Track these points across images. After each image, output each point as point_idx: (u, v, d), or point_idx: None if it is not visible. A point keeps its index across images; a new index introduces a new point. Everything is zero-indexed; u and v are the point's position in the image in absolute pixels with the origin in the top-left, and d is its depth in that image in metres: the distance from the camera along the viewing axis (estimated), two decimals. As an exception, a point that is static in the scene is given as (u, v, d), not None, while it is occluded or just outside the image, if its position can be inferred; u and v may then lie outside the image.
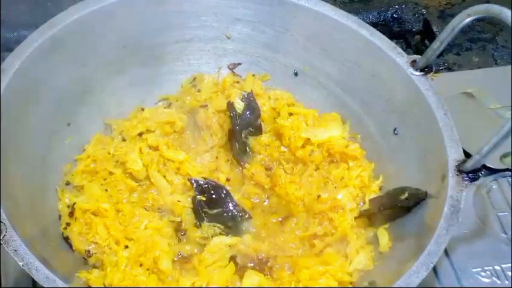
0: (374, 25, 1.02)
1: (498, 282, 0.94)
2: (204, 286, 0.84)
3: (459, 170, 0.81)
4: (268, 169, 0.99)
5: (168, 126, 1.02)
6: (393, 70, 0.93)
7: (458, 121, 0.86)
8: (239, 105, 1.03)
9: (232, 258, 0.89)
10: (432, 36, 1.30)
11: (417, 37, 1.35)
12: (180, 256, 0.90)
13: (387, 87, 0.95)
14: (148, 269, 0.86)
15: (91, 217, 0.90)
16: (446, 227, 0.76)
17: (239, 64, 1.09)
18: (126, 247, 0.87)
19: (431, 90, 0.89)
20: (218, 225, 0.92)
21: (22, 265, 0.71)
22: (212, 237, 0.91)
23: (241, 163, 1.00)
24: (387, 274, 0.81)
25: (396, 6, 1.36)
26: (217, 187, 0.95)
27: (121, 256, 0.86)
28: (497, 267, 0.96)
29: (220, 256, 0.88)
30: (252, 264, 0.89)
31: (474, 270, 0.95)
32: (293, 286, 0.85)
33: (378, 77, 0.96)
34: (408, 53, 0.94)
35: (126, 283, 0.83)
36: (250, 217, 0.94)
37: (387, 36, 0.96)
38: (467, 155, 0.82)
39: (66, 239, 0.90)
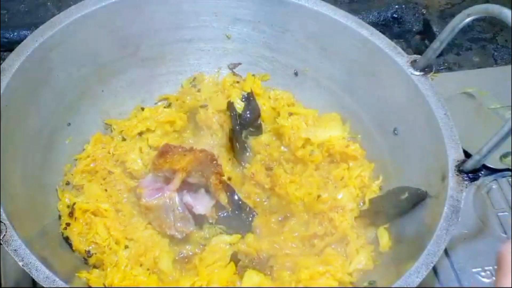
0: (374, 25, 1.02)
1: (498, 282, 0.94)
2: (204, 286, 0.84)
3: (459, 170, 0.81)
4: (268, 169, 0.99)
5: (168, 126, 1.02)
6: (393, 70, 0.93)
7: (458, 121, 0.86)
8: (239, 105, 1.03)
9: (233, 257, 0.89)
10: (432, 36, 1.30)
11: (417, 37, 1.35)
12: (180, 256, 0.90)
13: (387, 87, 0.95)
14: (148, 269, 0.86)
15: (91, 217, 0.90)
16: (446, 227, 0.76)
17: (239, 64, 1.09)
18: (126, 247, 0.87)
19: (431, 90, 0.89)
20: (220, 225, 0.92)
21: (22, 265, 0.71)
22: (212, 237, 0.91)
23: (242, 163, 1.00)
24: (387, 274, 0.81)
25: (396, 6, 1.35)
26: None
27: (121, 256, 0.86)
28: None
29: (221, 256, 0.88)
30: (252, 264, 0.89)
31: (474, 270, 0.95)
32: (293, 286, 0.85)
33: (378, 77, 0.96)
34: (408, 53, 0.93)
35: (126, 283, 0.83)
36: (254, 216, 0.94)
37: (387, 36, 0.96)
38: (467, 155, 0.82)
39: (66, 239, 0.90)
